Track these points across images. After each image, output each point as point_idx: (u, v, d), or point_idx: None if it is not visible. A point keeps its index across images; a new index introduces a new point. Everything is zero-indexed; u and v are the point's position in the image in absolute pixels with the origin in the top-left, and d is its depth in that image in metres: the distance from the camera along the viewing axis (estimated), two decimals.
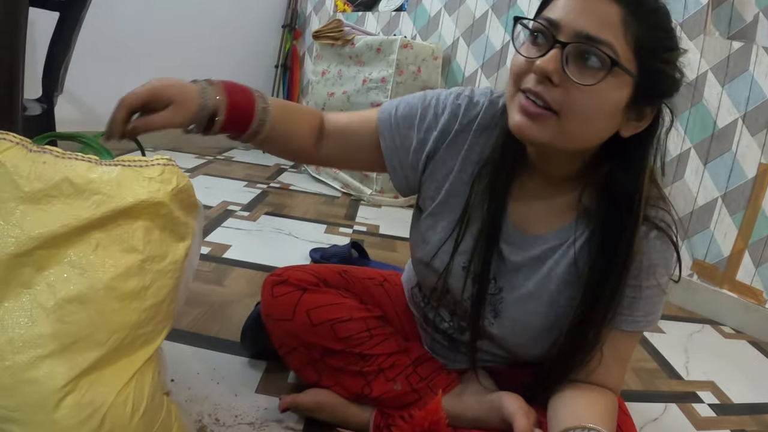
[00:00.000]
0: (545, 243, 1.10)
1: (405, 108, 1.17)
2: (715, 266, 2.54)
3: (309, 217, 3.01)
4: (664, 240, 1.04)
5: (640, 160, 1.00)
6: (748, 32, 2.47)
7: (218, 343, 1.54)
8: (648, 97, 0.95)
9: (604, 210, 1.03)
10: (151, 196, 0.83)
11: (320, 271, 1.33)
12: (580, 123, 0.94)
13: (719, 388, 1.85)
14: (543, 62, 0.90)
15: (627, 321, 1.06)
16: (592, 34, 0.88)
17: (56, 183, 0.80)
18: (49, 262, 0.79)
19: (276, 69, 4.97)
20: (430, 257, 1.16)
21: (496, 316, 1.14)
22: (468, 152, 1.13)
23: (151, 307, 0.84)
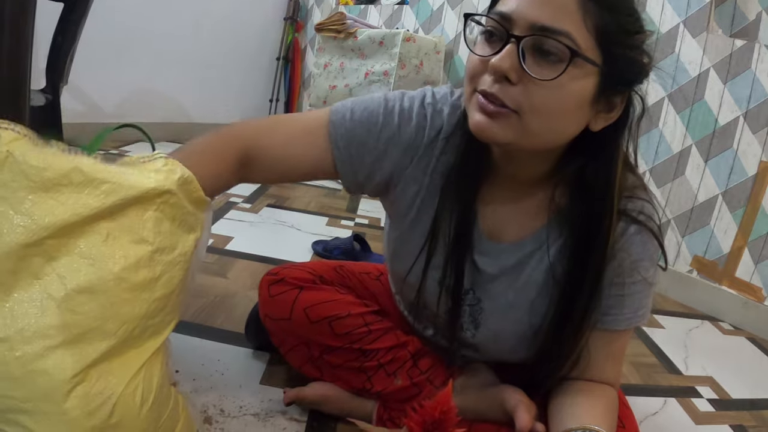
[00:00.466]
0: (520, 250, 1.08)
1: (363, 112, 1.08)
2: (715, 263, 2.55)
3: (311, 210, 3.02)
4: (645, 233, 1.02)
5: (612, 152, 0.97)
6: (750, 30, 2.47)
7: (222, 335, 1.55)
8: (616, 85, 0.91)
9: (578, 208, 1.00)
10: (159, 185, 0.83)
11: (316, 267, 1.33)
12: (543, 120, 0.89)
13: (718, 384, 1.86)
14: (498, 61, 0.85)
15: (616, 320, 1.06)
16: (547, 24, 0.83)
17: (66, 172, 0.79)
18: (60, 253, 0.78)
19: (277, 61, 4.97)
20: (405, 273, 1.15)
21: (477, 327, 1.14)
22: (436, 164, 1.08)
23: (161, 299, 0.84)
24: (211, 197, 1.00)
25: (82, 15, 1.84)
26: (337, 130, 1.07)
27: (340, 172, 1.10)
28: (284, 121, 1.13)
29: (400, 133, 1.07)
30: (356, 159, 1.08)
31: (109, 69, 3.80)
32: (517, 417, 1.05)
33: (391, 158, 1.08)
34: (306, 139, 1.08)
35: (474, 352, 1.21)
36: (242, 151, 1.05)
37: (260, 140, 1.07)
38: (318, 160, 1.09)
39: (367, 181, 1.11)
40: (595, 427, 0.97)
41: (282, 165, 1.09)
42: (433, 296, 1.12)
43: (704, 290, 2.57)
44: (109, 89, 3.88)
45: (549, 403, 1.11)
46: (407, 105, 1.08)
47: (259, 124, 1.10)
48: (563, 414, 1.04)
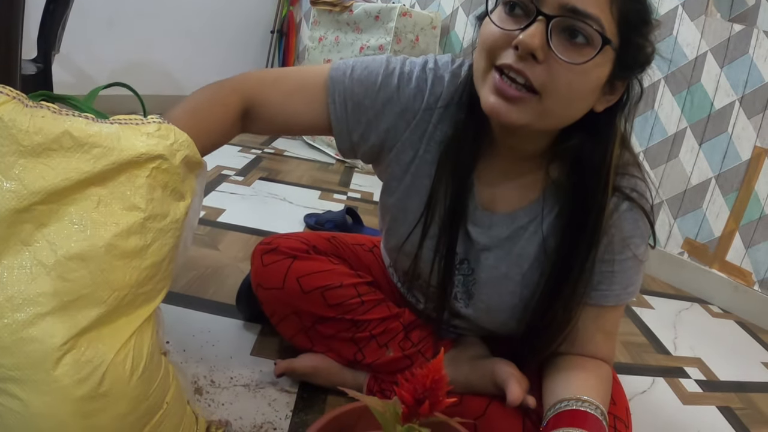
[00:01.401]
0: (514, 222, 1.09)
1: (363, 71, 1.08)
2: (706, 246, 2.56)
3: (303, 183, 3.01)
4: (636, 210, 1.02)
5: (609, 131, 0.98)
6: (749, 15, 2.46)
7: (213, 306, 1.55)
8: (625, 71, 0.92)
9: (573, 182, 1.01)
10: (151, 149, 0.82)
11: (309, 238, 1.32)
12: (563, 103, 0.89)
13: (706, 365, 1.88)
14: (527, 37, 0.83)
15: (606, 296, 1.06)
16: (579, 7, 0.82)
17: (56, 136, 0.78)
18: (50, 219, 0.77)
19: (272, 35, 4.93)
20: (401, 241, 1.15)
21: (470, 298, 1.15)
22: (432, 132, 1.08)
23: (152, 266, 0.83)
24: (215, 149, 1.02)
25: None
26: (335, 86, 1.07)
27: (335, 129, 1.10)
28: (286, 74, 1.12)
29: (398, 96, 1.07)
30: (352, 117, 1.08)
31: (100, 40, 3.76)
32: (509, 390, 1.05)
33: (387, 120, 1.08)
34: (305, 93, 1.09)
35: (466, 324, 1.21)
36: (245, 102, 1.06)
37: (262, 93, 1.08)
38: (315, 115, 1.09)
39: (361, 141, 1.10)
40: (588, 397, 0.98)
41: (281, 118, 1.09)
42: (427, 265, 1.12)
43: (695, 273, 2.58)
44: (100, 60, 3.84)
45: (543, 377, 1.11)
46: (408, 69, 1.08)
47: (262, 76, 1.11)
48: (557, 386, 1.05)
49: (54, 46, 1.90)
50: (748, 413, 1.63)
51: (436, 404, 0.70)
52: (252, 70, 1.10)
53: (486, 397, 1.15)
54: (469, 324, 1.21)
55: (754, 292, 2.41)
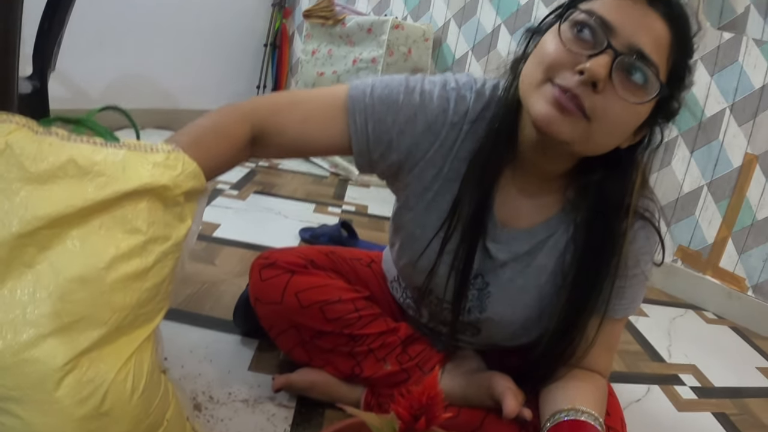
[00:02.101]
0: (533, 237, 1.10)
1: (383, 89, 1.07)
2: (699, 252, 2.58)
3: (298, 197, 3.01)
4: (648, 229, 1.06)
5: (629, 166, 1.00)
6: (738, 23, 2.49)
7: (210, 322, 1.55)
8: (655, 118, 0.96)
9: (590, 202, 1.04)
10: (155, 180, 0.83)
11: (307, 252, 1.33)
12: (607, 134, 0.92)
13: (701, 372, 1.89)
14: (596, 66, 0.85)
15: (615, 309, 1.09)
16: (645, 52, 0.87)
17: (62, 164, 0.79)
18: (52, 242, 0.79)
19: (265, 48, 4.94)
20: (417, 256, 1.14)
21: (483, 311, 1.15)
22: (458, 151, 1.08)
23: (152, 288, 0.84)
24: (218, 175, 1.01)
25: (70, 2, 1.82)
26: (356, 105, 1.06)
27: (355, 149, 1.09)
28: (299, 98, 1.12)
29: (421, 113, 1.06)
30: (373, 136, 1.07)
31: (94, 55, 3.75)
32: (505, 402, 1.06)
33: (409, 138, 1.07)
34: (324, 115, 1.08)
35: (472, 337, 1.22)
36: (256, 128, 1.05)
37: (275, 120, 1.06)
38: (334, 137, 1.08)
39: (381, 159, 1.10)
40: (586, 408, 1.00)
41: (296, 142, 1.08)
42: (441, 280, 1.12)
43: (688, 280, 2.60)
44: (95, 75, 3.84)
45: (540, 388, 1.12)
46: (428, 87, 1.08)
47: (274, 101, 1.10)
48: (554, 397, 1.06)
49: (50, 65, 1.91)
50: (743, 419, 1.64)
51: (433, 420, 0.71)
52: (259, 96, 1.10)
53: (482, 410, 1.16)
54: (475, 338, 1.22)
55: (747, 298, 2.43)
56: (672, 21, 0.89)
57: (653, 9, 0.88)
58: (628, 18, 0.87)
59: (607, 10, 0.88)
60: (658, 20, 0.88)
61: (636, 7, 0.88)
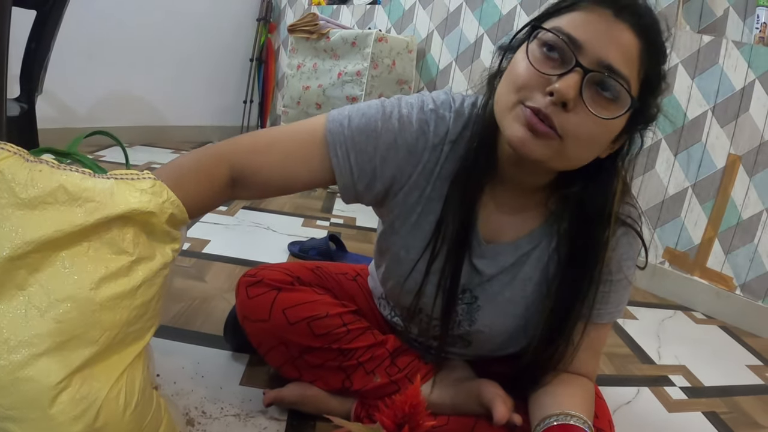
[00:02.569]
0: (518, 250, 1.11)
1: (361, 119, 1.06)
2: (686, 254, 2.60)
3: (286, 211, 3.03)
4: (631, 235, 1.07)
5: (610, 175, 1.01)
6: (717, 26, 2.52)
7: (201, 338, 1.56)
8: (632, 126, 0.96)
9: (571, 212, 1.04)
10: (143, 206, 0.85)
11: (293, 269, 1.33)
12: (581, 149, 0.92)
13: (690, 372, 1.90)
14: (564, 87, 0.85)
15: (600, 314, 1.10)
16: (615, 66, 0.86)
17: (52, 190, 0.81)
18: (43, 265, 0.80)
19: (251, 63, 4.97)
20: (404, 278, 1.15)
21: (473, 324, 1.16)
22: (440, 171, 1.08)
23: (141, 306, 0.86)
24: (199, 215, 1.02)
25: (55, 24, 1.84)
26: (335, 138, 1.05)
27: (340, 182, 1.08)
28: (277, 135, 1.10)
29: (400, 139, 1.06)
30: (356, 167, 1.06)
31: (81, 73, 3.78)
32: (494, 409, 1.08)
33: (392, 165, 1.07)
34: (303, 152, 1.07)
35: (462, 349, 1.23)
36: (234, 170, 1.05)
37: (254, 160, 1.06)
38: (316, 172, 1.07)
39: (367, 190, 1.09)
40: (574, 412, 1.01)
41: (277, 182, 1.08)
42: (429, 299, 1.13)
43: (676, 281, 2.62)
44: (82, 94, 3.87)
45: (528, 394, 1.13)
46: (406, 111, 1.07)
47: (251, 141, 1.09)
48: (543, 402, 1.07)
49: (37, 87, 1.92)
50: (734, 417, 1.65)
51: (416, 428, 0.72)
52: (239, 136, 1.08)
53: (472, 418, 1.17)
54: (465, 350, 1.23)
55: (736, 297, 2.45)
56: (641, 30, 0.88)
57: (620, 20, 0.87)
58: (595, 33, 0.87)
59: (573, 26, 0.89)
60: (626, 31, 0.87)
61: (603, 20, 0.87)
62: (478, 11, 3.49)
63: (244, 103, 5.02)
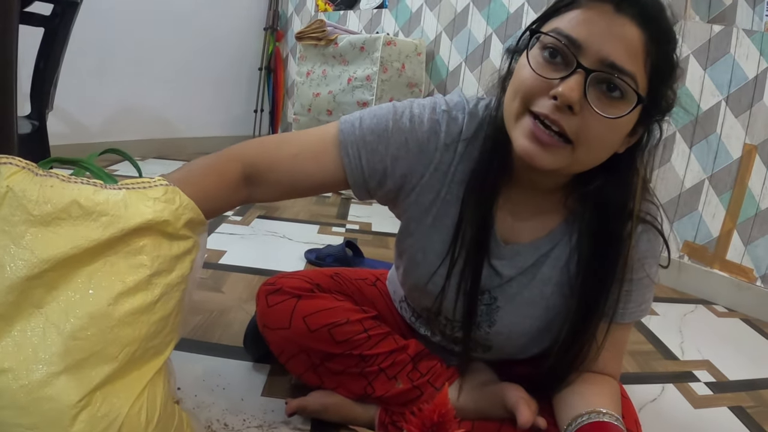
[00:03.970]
0: (537, 250, 1.10)
1: (372, 119, 1.08)
2: (705, 247, 2.57)
3: (301, 219, 3.03)
4: (651, 232, 1.05)
5: (630, 169, 0.99)
6: (727, 15, 2.49)
7: (221, 349, 1.56)
8: (648, 118, 0.94)
9: (591, 210, 1.03)
10: (157, 215, 0.85)
11: (312, 276, 1.33)
12: (593, 151, 0.91)
13: (715, 367, 1.88)
14: (567, 90, 0.84)
15: (623, 314, 1.08)
16: (617, 63, 0.84)
17: (65, 206, 0.81)
18: (60, 283, 0.80)
19: (260, 72, 4.98)
20: (425, 282, 1.15)
21: (492, 325, 1.15)
22: (455, 172, 1.08)
23: (160, 320, 0.86)
24: (215, 215, 1.03)
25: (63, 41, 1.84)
26: (346, 138, 1.07)
27: (351, 181, 1.09)
28: (289, 137, 1.13)
29: (411, 138, 1.06)
30: (367, 166, 1.07)
31: (91, 88, 3.81)
32: (519, 413, 1.06)
33: (403, 164, 1.07)
34: (314, 151, 1.08)
35: (484, 353, 1.22)
36: (247, 169, 1.07)
37: (266, 157, 1.08)
38: (328, 172, 1.09)
39: (378, 187, 1.10)
40: (606, 409, 1.00)
41: (290, 180, 1.09)
42: (450, 302, 1.13)
43: (696, 275, 2.60)
44: (92, 108, 3.89)
45: (553, 395, 1.12)
46: (417, 111, 1.08)
47: (263, 142, 1.12)
48: (571, 402, 1.06)
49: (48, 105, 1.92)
50: (760, 410, 1.63)
51: None
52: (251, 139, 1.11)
53: (496, 422, 1.16)
54: (485, 352, 1.22)
55: (757, 288, 2.42)
56: (644, 21, 0.86)
57: (621, 14, 0.85)
58: (595, 30, 0.86)
59: (572, 26, 0.87)
60: (628, 25, 0.85)
61: (603, 16, 0.86)
62: (485, 11, 3.48)
63: (254, 113, 5.03)
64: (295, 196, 1.14)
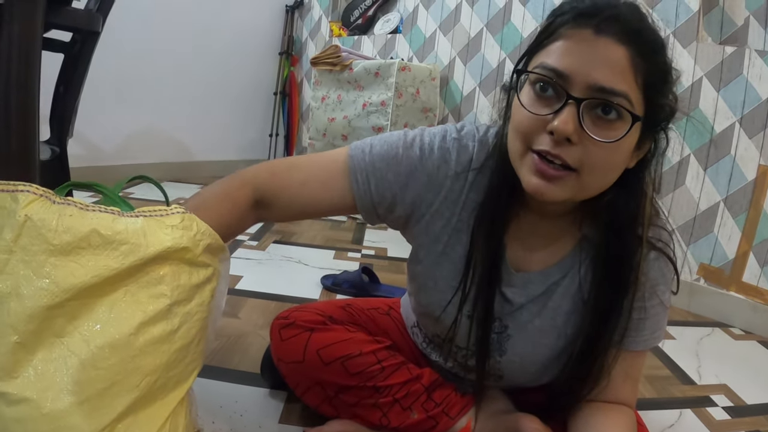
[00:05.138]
0: (548, 278, 1.09)
1: (382, 146, 1.09)
2: (721, 269, 2.56)
3: (317, 244, 3.04)
4: (662, 259, 1.05)
5: (638, 184, 0.99)
6: (739, 36, 2.50)
7: (238, 376, 1.56)
8: (651, 130, 0.94)
9: (605, 236, 1.02)
10: (176, 243, 0.86)
11: (324, 308, 1.34)
12: (600, 176, 0.91)
13: (732, 391, 1.86)
14: (561, 124, 0.85)
15: (635, 342, 1.08)
16: (606, 86, 0.84)
17: (85, 235, 0.82)
18: (81, 312, 0.81)
19: (275, 96, 5.01)
20: (438, 313, 1.15)
21: (503, 354, 1.15)
22: (465, 201, 1.08)
23: (181, 349, 0.86)
24: (230, 239, 1.05)
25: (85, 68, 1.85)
26: (356, 164, 1.08)
27: (360, 207, 1.10)
28: (300, 160, 1.13)
29: (422, 166, 1.07)
30: (376, 193, 1.08)
31: (108, 112, 3.84)
32: None
33: (413, 191, 1.08)
34: (324, 175, 1.10)
35: (496, 381, 1.21)
36: (257, 194, 1.09)
37: (275, 182, 1.10)
38: (337, 197, 1.10)
39: (388, 213, 1.11)
40: None
41: (300, 203, 1.10)
42: (464, 330, 1.13)
43: (712, 297, 2.58)
44: (110, 132, 3.93)
45: (569, 425, 1.12)
46: (428, 139, 1.08)
47: (273, 166, 1.13)
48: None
49: (68, 132, 1.93)
50: None
51: None
52: (262, 162, 1.13)
53: None
54: (497, 381, 1.22)
55: None
56: (626, 37, 0.85)
57: (602, 36, 0.85)
58: (579, 58, 0.86)
59: (556, 58, 0.88)
60: (610, 45, 0.85)
61: (585, 42, 0.86)
62: (498, 35, 3.50)
63: (270, 137, 5.06)
64: (308, 218, 1.16)
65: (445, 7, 3.83)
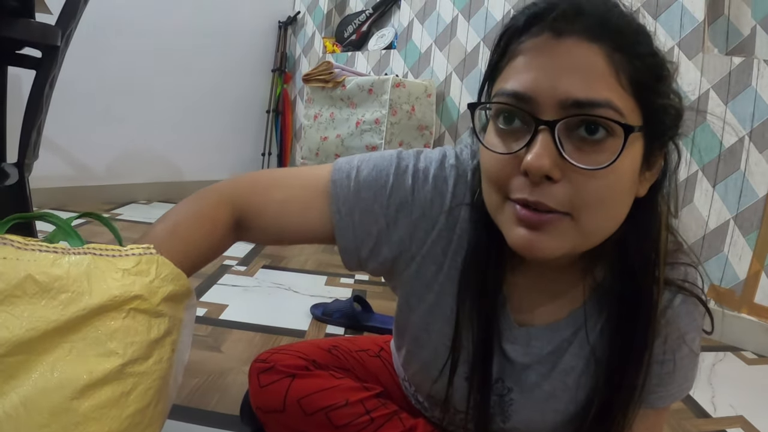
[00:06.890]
0: (556, 334, 0.93)
1: (371, 171, 0.92)
2: (732, 290, 2.47)
3: (308, 269, 2.94)
4: (691, 302, 0.87)
5: (652, 214, 0.82)
6: (746, 46, 2.43)
7: (217, 419, 1.44)
8: (659, 140, 0.76)
9: (619, 282, 0.85)
10: (125, 291, 0.75)
11: (308, 351, 1.22)
12: (601, 215, 0.73)
13: (749, 422, 1.78)
14: (535, 159, 0.68)
15: (661, 398, 0.93)
16: (582, 98, 0.67)
17: (19, 282, 0.72)
18: (19, 371, 0.71)
19: (268, 114, 4.96)
20: (434, 373, 0.99)
21: (507, 420, 1.00)
22: (459, 240, 0.92)
23: (135, 414, 0.75)
24: (206, 263, 0.90)
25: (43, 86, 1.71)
26: (339, 191, 0.92)
27: (341, 244, 0.94)
28: (280, 179, 0.98)
29: (412, 199, 0.90)
30: (360, 228, 0.92)
31: (97, 130, 3.83)
32: None
33: (401, 229, 0.92)
34: (304, 200, 0.94)
35: None
36: (236, 212, 0.93)
37: (254, 201, 0.94)
38: (316, 226, 0.94)
39: (371, 256, 0.95)
40: None
41: (277, 229, 0.95)
42: (461, 394, 0.97)
43: (724, 320, 2.48)
44: (98, 151, 3.91)
45: None
46: (423, 165, 0.92)
47: (253, 181, 0.97)
48: None
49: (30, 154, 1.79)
50: None
51: None
52: (240, 175, 0.99)
53: None
54: None
55: None
56: (593, 33, 0.69)
57: (564, 37, 0.69)
58: (540, 72, 0.70)
59: (516, 79, 0.72)
60: (575, 46, 0.69)
61: (544, 51, 0.70)
62: None
63: (262, 156, 5.00)
64: (286, 244, 1.02)
65: (441, 21, 3.76)
